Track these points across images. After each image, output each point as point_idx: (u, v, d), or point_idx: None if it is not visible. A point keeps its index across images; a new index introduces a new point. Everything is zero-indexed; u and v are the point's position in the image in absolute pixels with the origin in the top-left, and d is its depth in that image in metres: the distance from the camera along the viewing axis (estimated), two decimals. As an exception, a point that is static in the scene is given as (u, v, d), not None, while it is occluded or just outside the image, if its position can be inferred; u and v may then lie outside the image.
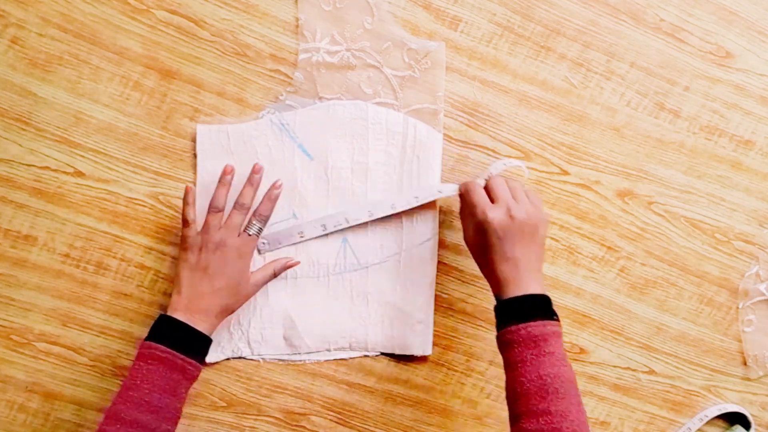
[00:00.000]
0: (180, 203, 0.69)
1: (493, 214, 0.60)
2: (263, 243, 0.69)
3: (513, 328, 0.58)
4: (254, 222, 0.65)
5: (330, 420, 0.74)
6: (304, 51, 0.68)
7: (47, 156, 0.68)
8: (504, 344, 0.59)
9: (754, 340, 0.79)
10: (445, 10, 0.70)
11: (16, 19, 0.66)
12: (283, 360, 0.72)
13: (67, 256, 0.69)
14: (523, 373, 0.56)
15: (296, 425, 0.73)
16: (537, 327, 0.57)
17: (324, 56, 0.69)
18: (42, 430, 0.71)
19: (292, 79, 0.69)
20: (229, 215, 0.65)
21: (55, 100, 0.67)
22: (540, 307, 0.59)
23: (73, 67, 0.67)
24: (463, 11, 0.70)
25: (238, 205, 0.65)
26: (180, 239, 0.65)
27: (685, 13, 0.72)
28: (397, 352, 0.73)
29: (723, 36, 0.73)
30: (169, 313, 0.62)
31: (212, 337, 0.70)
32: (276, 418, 0.73)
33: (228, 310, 0.65)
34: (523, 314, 0.58)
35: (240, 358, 0.72)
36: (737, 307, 0.78)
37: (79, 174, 0.68)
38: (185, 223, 0.64)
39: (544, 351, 0.57)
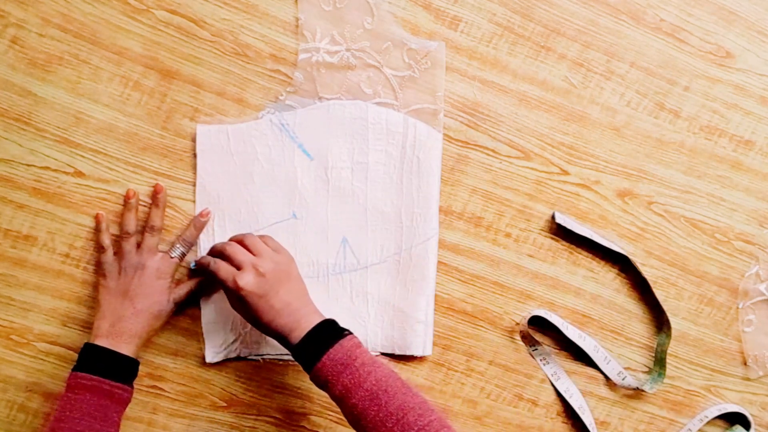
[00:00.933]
0: (180, 203, 0.69)
1: (244, 280, 0.60)
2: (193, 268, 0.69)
3: (318, 365, 0.58)
4: (177, 246, 0.67)
5: (330, 420, 0.74)
6: (304, 51, 0.68)
7: (47, 156, 0.68)
8: (320, 384, 0.59)
9: (754, 340, 0.79)
10: (445, 10, 0.70)
11: (16, 19, 0.66)
12: (283, 360, 0.72)
13: (67, 256, 0.69)
14: (351, 396, 0.56)
15: (296, 425, 0.73)
16: (336, 351, 0.58)
17: (324, 56, 0.69)
18: (42, 430, 0.71)
19: (292, 79, 0.69)
20: (143, 238, 0.66)
21: (55, 100, 0.67)
22: (329, 332, 0.59)
23: (73, 67, 0.67)
24: (463, 11, 0.70)
25: (148, 227, 0.67)
26: (95, 265, 0.67)
27: (685, 13, 0.72)
28: (397, 352, 0.73)
29: (723, 36, 0.73)
30: (92, 341, 0.63)
31: (208, 337, 0.70)
32: (276, 418, 0.73)
33: (151, 331, 0.66)
34: (318, 348, 0.58)
35: (240, 358, 0.72)
36: (737, 307, 0.78)
37: (79, 174, 0.68)
38: (101, 249, 0.66)
39: (356, 366, 0.57)
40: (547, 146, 0.73)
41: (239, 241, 0.64)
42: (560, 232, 0.74)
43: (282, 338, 0.61)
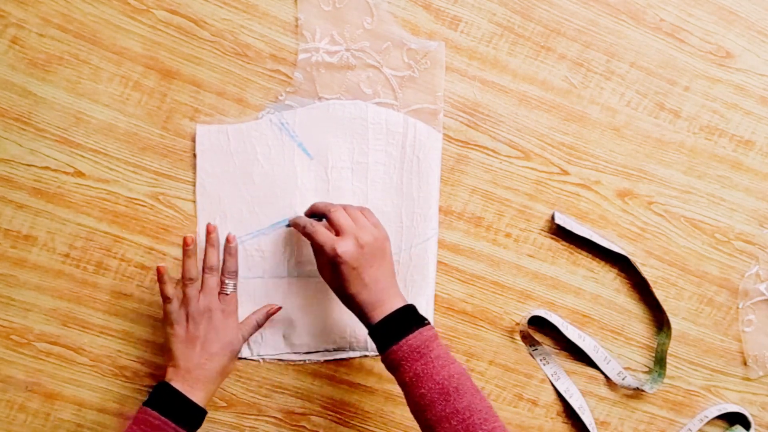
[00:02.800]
0: (180, 203, 0.69)
1: (343, 248, 0.60)
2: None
3: (395, 347, 0.58)
4: (227, 281, 0.66)
5: (330, 420, 0.74)
6: (304, 51, 0.68)
7: (47, 156, 0.68)
8: (392, 366, 0.59)
9: (754, 340, 0.79)
10: (445, 10, 0.70)
11: (16, 19, 0.66)
12: (283, 360, 0.72)
13: (67, 256, 0.69)
14: (421, 386, 0.56)
15: (296, 425, 0.73)
16: (415, 338, 0.58)
17: (323, 56, 0.69)
18: (42, 430, 0.71)
19: (291, 79, 0.69)
20: (204, 281, 0.65)
21: (55, 100, 0.67)
22: (410, 318, 0.60)
23: (73, 67, 0.67)
24: (463, 11, 0.70)
25: (207, 269, 0.66)
26: (163, 315, 0.65)
27: (685, 13, 0.72)
28: (397, 352, 0.73)
29: (723, 36, 0.73)
30: (167, 380, 0.62)
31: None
32: (276, 418, 0.73)
33: (225, 372, 0.65)
34: (398, 331, 0.59)
35: (240, 358, 0.72)
36: (737, 307, 0.78)
37: (79, 174, 0.68)
38: (166, 299, 0.64)
39: (431, 357, 0.57)
40: (547, 146, 0.73)
41: (344, 207, 0.64)
42: (560, 232, 0.74)
43: (362, 313, 0.61)
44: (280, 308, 0.70)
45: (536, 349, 0.75)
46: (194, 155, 0.69)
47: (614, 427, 0.78)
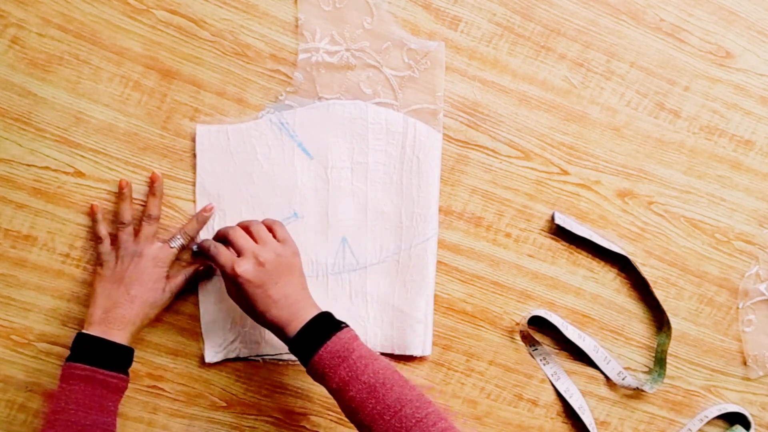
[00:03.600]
0: (180, 203, 0.69)
1: (242, 268, 0.59)
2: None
3: (315, 357, 0.58)
4: (178, 237, 0.67)
5: (330, 420, 0.74)
6: (304, 51, 0.68)
7: (47, 156, 0.68)
8: (317, 376, 0.59)
9: (754, 340, 0.79)
10: (445, 10, 0.70)
11: (16, 19, 0.66)
12: (283, 360, 0.72)
13: (67, 256, 0.69)
14: (349, 389, 0.56)
15: (296, 425, 0.73)
16: (334, 343, 0.58)
17: (323, 56, 0.69)
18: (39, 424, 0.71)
19: (291, 79, 0.69)
20: (141, 227, 0.66)
21: (55, 100, 0.67)
22: (326, 324, 0.59)
23: (73, 67, 0.67)
24: (463, 11, 0.70)
25: (145, 216, 0.66)
26: (95, 257, 0.66)
27: (685, 13, 0.72)
28: (397, 352, 0.73)
29: (723, 36, 0.73)
30: (84, 330, 0.62)
31: (208, 336, 0.70)
32: (276, 418, 0.73)
33: (145, 319, 0.65)
34: (316, 340, 0.58)
35: (240, 358, 0.72)
36: (737, 307, 0.78)
37: (79, 174, 0.68)
38: (97, 239, 0.66)
39: (353, 359, 0.57)
40: (547, 146, 0.73)
41: (245, 227, 0.64)
42: (560, 232, 0.74)
43: (278, 330, 0.60)
44: (202, 267, 0.69)
45: (536, 349, 0.75)
46: (194, 155, 0.69)
47: (614, 427, 0.78)
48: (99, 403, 0.59)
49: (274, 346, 0.71)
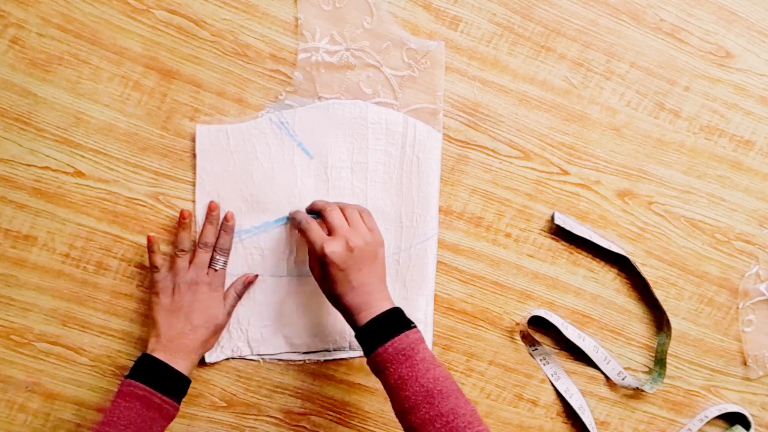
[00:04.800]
0: (180, 203, 0.69)
1: (331, 248, 0.60)
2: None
3: (380, 350, 0.58)
4: (218, 257, 0.67)
5: (330, 420, 0.74)
6: (304, 51, 0.68)
7: (47, 156, 0.68)
8: (377, 368, 0.59)
9: (754, 340, 0.79)
10: (445, 10, 0.70)
11: (16, 19, 0.66)
12: (283, 360, 0.72)
13: (67, 256, 0.69)
14: (406, 388, 0.56)
15: (296, 425, 0.73)
16: (401, 340, 0.58)
17: (323, 56, 0.69)
18: (42, 430, 0.71)
19: (291, 78, 0.69)
20: (195, 255, 0.67)
21: (55, 100, 0.67)
22: (397, 321, 0.60)
23: (73, 67, 0.67)
24: (463, 11, 0.70)
25: (201, 243, 0.67)
26: (150, 284, 0.67)
27: (685, 13, 0.72)
28: (397, 352, 0.73)
29: (723, 36, 0.73)
30: (148, 352, 0.63)
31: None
32: (276, 418, 0.73)
33: (207, 345, 0.66)
34: (384, 333, 0.59)
35: (240, 358, 0.72)
36: (737, 307, 0.78)
37: (79, 174, 0.68)
38: (154, 268, 0.66)
39: (416, 360, 0.57)
40: (547, 146, 0.73)
41: (341, 208, 0.65)
42: (560, 232, 0.74)
43: (349, 315, 0.61)
44: (257, 276, 0.70)
45: (536, 349, 0.75)
46: (194, 155, 0.69)
47: (614, 427, 0.78)
48: (149, 426, 0.59)
49: (274, 345, 0.71)
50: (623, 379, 0.76)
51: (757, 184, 0.76)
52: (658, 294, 0.76)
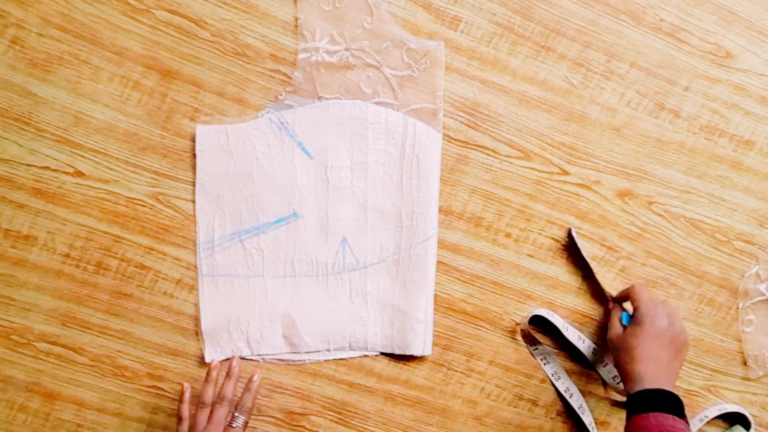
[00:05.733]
0: (180, 203, 0.69)
1: (677, 329, 0.66)
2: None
3: (643, 415, 0.60)
4: (237, 415, 0.66)
5: (330, 420, 0.74)
6: (304, 51, 0.68)
7: (47, 156, 0.68)
8: (635, 429, 0.61)
9: (754, 340, 0.79)
10: (445, 10, 0.70)
11: (16, 19, 0.66)
12: (283, 360, 0.72)
13: (67, 256, 0.69)
14: None
15: (296, 425, 0.73)
16: (666, 418, 0.60)
17: (323, 56, 0.69)
18: (42, 430, 0.71)
19: (291, 78, 0.69)
20: (213, 411, 0.66)
21: (55, 100, 0.67)
22: (674, 404, 0.62)
23: (73, 67, 0.67)
24: (463, 11, 0.70)
25: (219, 398, 0.66)
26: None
27: (685, 13, 0.72)
28: (397, 352, 0.73)
29: (723, 36, 0.73)
30: None
31: (208, 336, 0.70)
32: (276, 418, 0.73)
33: None
34: (658, 404, 0.61)
35: (240, 358, 0.72)
36: (737, 307, 0.78)
37: (79, 174, 0.68)
38: (179, 419, 0.66)
39: None
40: (547, 146, 0.73)
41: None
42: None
43: (639, 377, 0.64)
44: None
45: (536, 349, 0.75)
46: (194, 155, 0.69)
47: (614, 427, 0.78)
48: None
49: (274, 345, 0.71)
50: (618, 383, 0.76)
51: (757, 184, 0.76)
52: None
